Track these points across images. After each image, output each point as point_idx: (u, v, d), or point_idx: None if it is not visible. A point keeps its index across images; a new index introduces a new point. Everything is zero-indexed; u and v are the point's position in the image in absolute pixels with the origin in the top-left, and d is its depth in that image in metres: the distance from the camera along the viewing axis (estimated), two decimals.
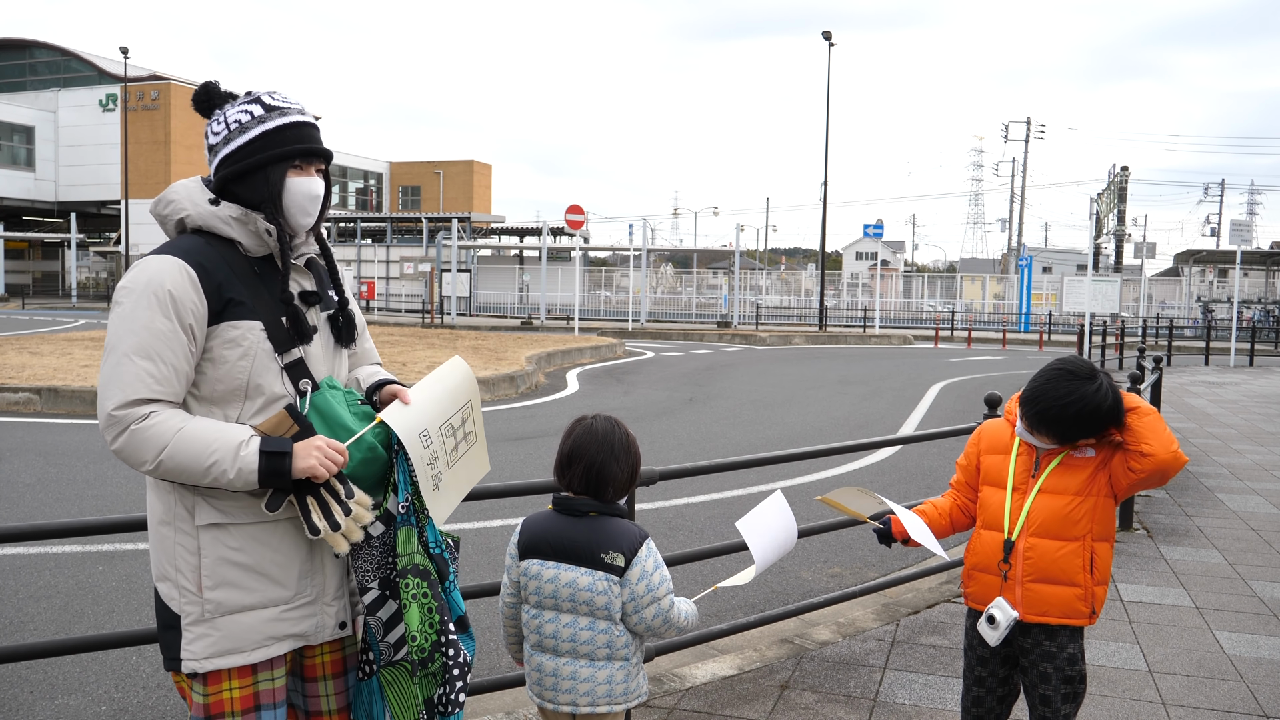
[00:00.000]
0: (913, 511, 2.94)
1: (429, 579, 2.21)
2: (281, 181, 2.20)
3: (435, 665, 2.20)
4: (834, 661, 4.41)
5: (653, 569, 2.47)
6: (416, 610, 2.18)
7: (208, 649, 2.12)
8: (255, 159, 2.19)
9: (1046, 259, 50.52)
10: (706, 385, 16.66)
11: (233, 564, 2.13)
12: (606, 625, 2.47)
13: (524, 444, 9.96)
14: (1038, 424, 2.70)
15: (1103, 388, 2.62)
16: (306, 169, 2.24)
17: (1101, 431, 2.67)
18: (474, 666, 2.32)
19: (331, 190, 2.36)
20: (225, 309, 2.11)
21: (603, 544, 2.45)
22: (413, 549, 2.21)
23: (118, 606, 5.10)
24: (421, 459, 2.27)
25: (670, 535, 6.66)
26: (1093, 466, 2.71)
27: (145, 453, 2.01)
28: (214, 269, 2.12)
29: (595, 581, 2.44)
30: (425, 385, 2.35)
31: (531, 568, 2.50)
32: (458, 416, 2.39)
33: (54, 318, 34.68)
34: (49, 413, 11.84)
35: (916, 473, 9.11)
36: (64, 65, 55.87)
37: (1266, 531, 6.90)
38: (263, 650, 2.16)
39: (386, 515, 2.23)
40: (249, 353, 2.12)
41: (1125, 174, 40.64)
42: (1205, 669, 4.37)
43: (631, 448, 2.56)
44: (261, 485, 2.05)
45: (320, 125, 2.34)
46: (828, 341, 31.52)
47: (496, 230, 52.28)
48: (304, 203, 2.22)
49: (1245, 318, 36.28)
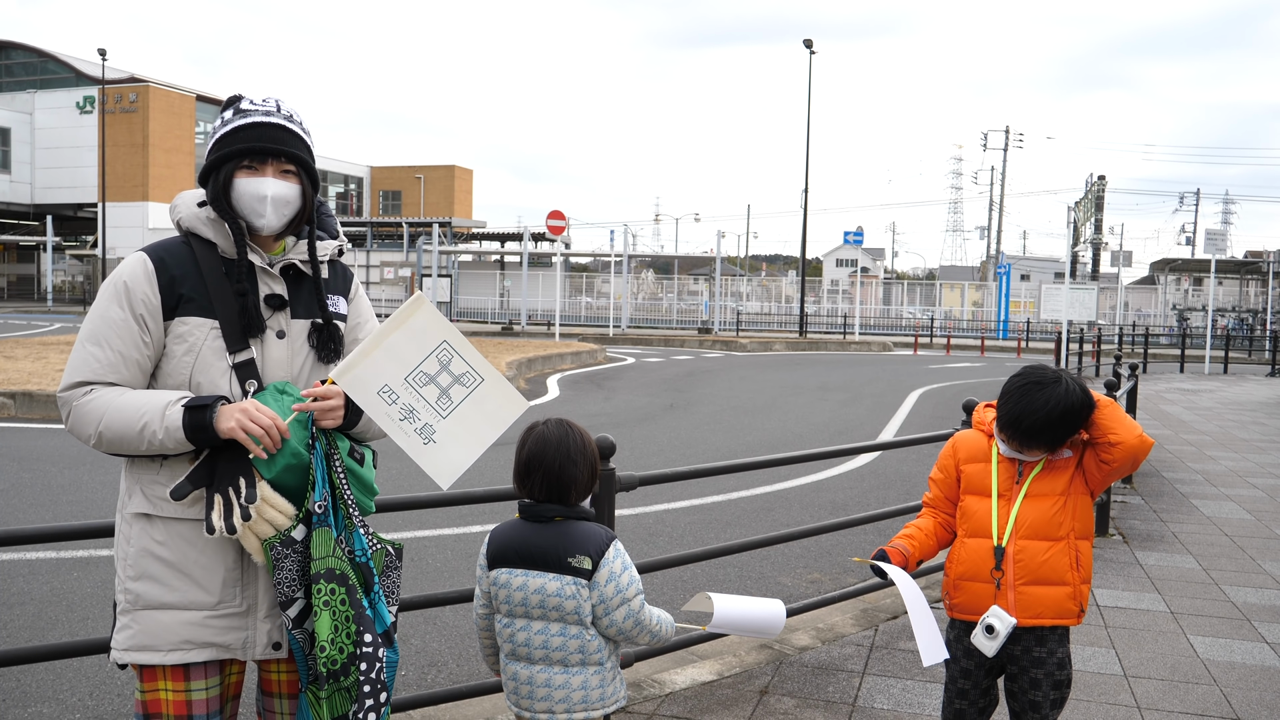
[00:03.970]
0: (901, 538, 2.89)
1: (346, 585, 2.11)
2: (228, 182, 2.20)
3: (349, 680, 2.09)
4: (813, 667, 4.42)
5: (620, 570, 2.44)
6: (327, 618, 2.07)
7: (126, 640, 2.17)
8: (211, 160, 2.22)
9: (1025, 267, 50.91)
10: (687, 391, 16.68)
11: (155, 557, 2.15)
12: (578, 630, 2.44)
13: (504, 449, 9.87)
14: (1029, 440, 2.71)
15: (1070, 385, 2.67)
16: (260, 169, 2.20)
17: (1085, 425, 2.70)
18: (393, 683, 2.21)
19: (311, 194, 2.29)
20: (179, 304, 2.17)
21: (569, 548, 2.42)
22: (329, 552, 2.11)
23: (92, 613, 5.05)
24: (388, 416, 2.19)
25: (651, 541, 6.67)
26: (1072, 466, 2.75)
27: (87, 426, 2.11)
28: (174, 264, 2.18)
29: (564, 586, 2.41)
30: (380, 334, 2.22)
31: (501, 577, 2.48)
32: (431, 362, 2.24)
33: (29, 321, 34.32)
34: (23, 418, 11.71)
35: (895, 479, 9.15)
36: (40, 67, 55.39)
37: (1240, 537, 6.97)
38: (179, 654, 2.14)
39: (308, 517, 2.15)
40: (193, 349, 2.16)
41: (1102, 183, 40.97)
42: (1180, 673, 4.41)
43: (588, 448, 2.51)
44: (191, 441, 2.07)
45: (295, 127, 2.26)
46: (808, 348, 31.63)
47: (477, 235, 52.13)
48: (251, 203, 2.20)
49: (1220, 326, 36.69)
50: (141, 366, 2.16)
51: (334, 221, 2.47)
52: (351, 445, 2.29)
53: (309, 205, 2.29)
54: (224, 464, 2.10)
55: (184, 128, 52.99)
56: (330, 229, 2.44)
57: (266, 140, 2.20)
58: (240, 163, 2.19)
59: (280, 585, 2.12)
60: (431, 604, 3.57)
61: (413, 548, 6.36)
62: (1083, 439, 2.73)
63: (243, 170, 2.20)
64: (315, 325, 2.29)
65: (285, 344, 2.25)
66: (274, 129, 2.21)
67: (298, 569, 2.12)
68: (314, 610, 2.08)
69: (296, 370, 2.26)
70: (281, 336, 2.24)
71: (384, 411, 2.19)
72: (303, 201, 2.27)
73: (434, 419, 2.24)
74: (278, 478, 2.13)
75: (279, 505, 2.12)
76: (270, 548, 2.11)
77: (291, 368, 2.25)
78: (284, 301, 2.26)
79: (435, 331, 2.26)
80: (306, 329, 2.28)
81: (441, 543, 6.52)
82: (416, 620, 5.06)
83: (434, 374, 2.25)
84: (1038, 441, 2.71)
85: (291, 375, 2.25)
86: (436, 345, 2.26)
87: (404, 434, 2.21)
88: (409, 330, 2.23)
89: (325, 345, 2.29)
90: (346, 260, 2.51)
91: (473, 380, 2.28)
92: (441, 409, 2.25)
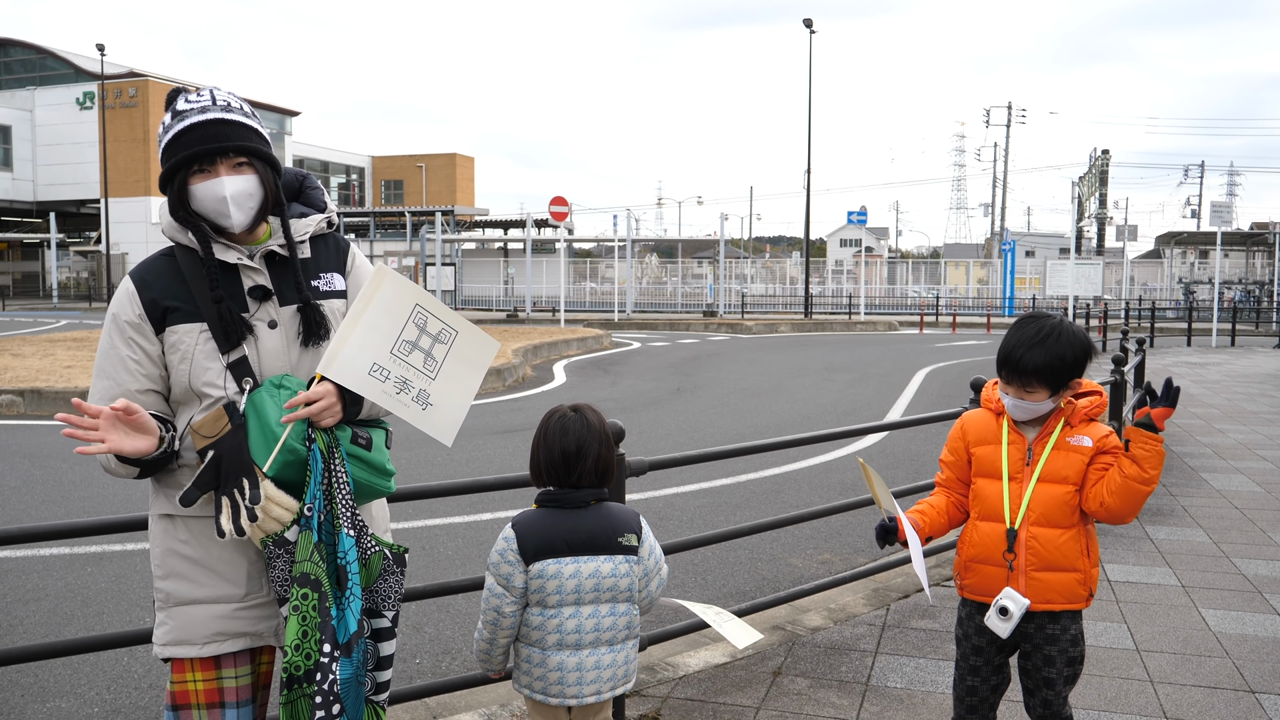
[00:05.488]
0: (913, 512, 2.88)
1: (319, 591, 2.09)
2: (184, 190, 2.17)
3: (312, 688, 2.06)
4: (825, 647, 4.44)
5: (654, 540, 2.60)
6: (296, 623, 2.07)
7: (164, 636, 2.20)
8: (164, 171, 2.20)
9: (1029, 243, 50.74)
10: (693, 375, 16.68)
11: (181, 556, 2.19)
12: (626, 608, 2.51)
13: (513, 436, 9.94)
14: (1027, 376, 2.66)
15: (1066, 321, 2.72)
16: (212, 170, 2.16)
17: (1084, 361, 2.68)
18: (351, 698, 2.17)
19: (272, 179, 2.23)
20: (165, 317, 2.18)
21: (616, 528, 2.49)
22: (306, 556, 2.10)
23: (108, 608, 5.08)
24: (385, 393, 2.19)
25: (661, 525, 6.68)
26: (1087, 457, 2.70)
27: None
28: (154, 281, 2.20)
29: (616, 566, 2.47)
30: (353, 315, 2.20)
31: (549, 568, 2.43)
32: (410, 328, 2.25)
33: (35, 319, 34.41)
34: (33, 415, 11.76)
35: (904, 458, 9.15)
36: (39, 64, 55.33)
37: (1250, 509, 6.97)
38: (214, 645, 2.18)
39: (303, 519, 2.15)
40: (186, 355, 2.17)
41: (1106, 157, 40.83)
42: (1192, 646, 4.41)
43: (610, 432, 2.62)
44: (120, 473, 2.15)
45: (236, 115, 2.18)
46: (813, 329, 31.59)
47: (480, 223, 52.10)
48: (214, 205, 2.16)
49: (1226, 298, 36.56)
50: (144, 388, 2.19)
51: (320, 194, 2.40)
52: (354, 433, 2.25)
53: (271, 191, 2.23)
54: (227, 464, 2.09)
55: None
56: (316, 202, 2.37)
57: (210, 140, 2.13)
58: (191, 169, 2.14)
59: (275, 584, 2.14)
60: (444, 592, 3.58)
61: (424, 536, 6.39)
62: (1109, 451, 2.69)
63: (195, 175, 2.15)
64: (298, 309, 2.24)
65: (279, 333, 2.22)
66: (215, 125, 2.14)
67: (289, 569, 2.14)
68: (285, 614, 2.10)
69: (295, 359, 2.24)
70: (274, 326, 2.22)
71: (379, 390, 2.19)
72: (264, 190, 2.21)
73: (426, 383, 2.25)
74: (278, 474, 2.12)
75: (284, 502, 2.12)
76: (264, 546, 2.11)
77: (289, 356, 2.23)
78: (269, 292, 2.23)
79: (405, 297, 2.25)
80: (297, 315, 2.25)
81: (453, 531, 6.54)
82: (430, 608, 5.08)
83: (415, 339, 2.26)
84: (1035, 376, 2.65)
85: (290, 363, 2.23)
86: (410, 310, 2.26)
87: (402, 405, 2.22)
88: (380, 303, 2.22)
89: (308, 328, 2.23)
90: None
91: (449, 335, 2.31)
92: (429, 371, 2.27)
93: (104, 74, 46.63)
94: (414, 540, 6.28)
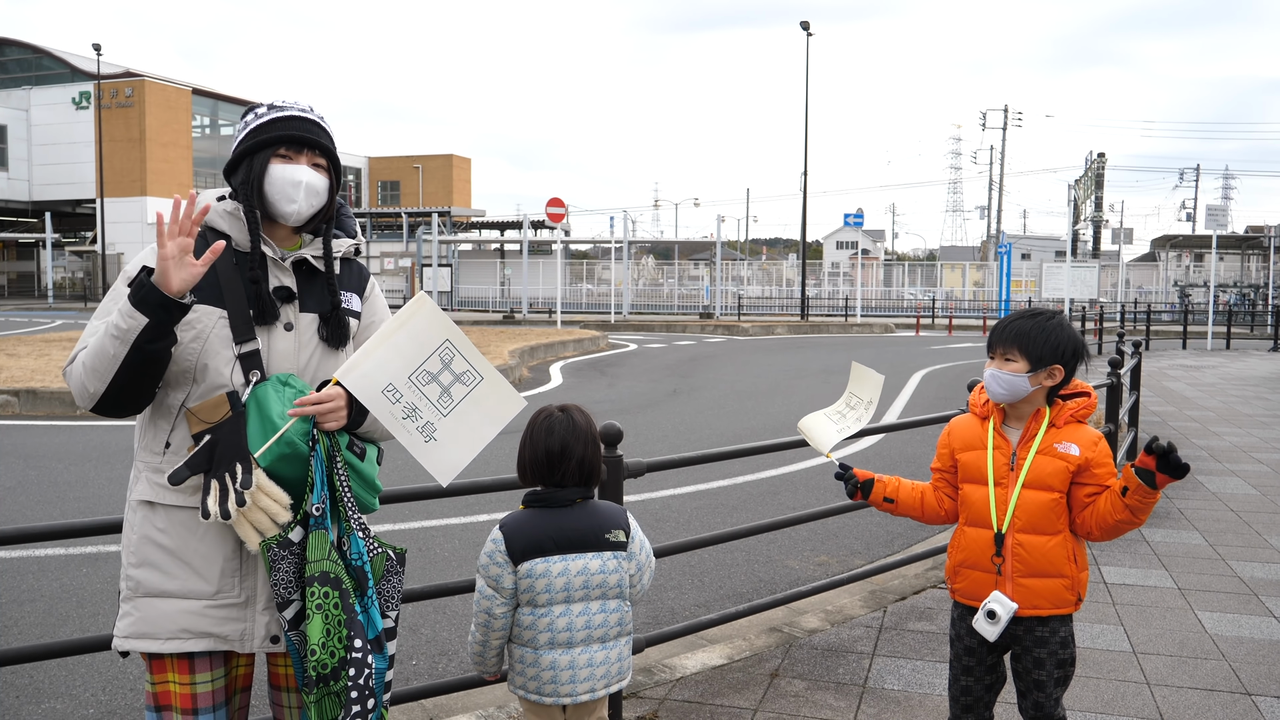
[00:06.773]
0: (891, 477, 3.01)
1: (340, 589, 2.10)
2: (264, 167, 2.25)
3: (339, 685, 2.07)
4: (823, 649, 4.44)
5: (643, 535, 2.61)
6: (319, 622, 2.07)
7: (126, 628, 2.18)
8: (244, 148, 2.27)
9: (1025, 246, 50.72)
10: (690, 376, 16.69)
11: (156, 544, 2.18)
12: (617, 604, 2.52)
13: (509, 438, 9.88)
14: (1009, 342, 2.72)
15: (1057, 312, 2.78)
16: (294, 158, 2.26)
17: (1068, 350, 2.70)
18: (383, 691, 2.21)
19: (336, 191, 2.35)
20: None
21: (604, 525, 2.50)
22: (324, 555, 2.11)
23: (103, 609, 5.07)
24: (392, 415, 2.20)
25: (657, 527, 6.68)
26: (1074, 466, 2.70)
27: (75, 369, 2.15)
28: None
29: (605, 563, 2.48)
30: (383, 334, 2.24)
31: (536, 567, 2.45)
32: (434, 360, 2.27)
33: (30, 319, 34.33)
34: (28, 415, 11.73)
35: (900, 460, 9.16)
36: (35, 63, 55.21)
37: (1246, 512, 6.98)
38: (177, 642, 2.16)
39: (305, 519, 2.15)
40: (201, 335, 2.17)
41: (1102, 160, 40.95)
42: (1188, 649, 4.42)
43: (596, 432, 2.63)
44: (139, 308, 2.02)
45: (326, 127, 2.35)
46: (810, 331, 31.61)
47: (477, 224, 52.09)
48: (286, 189, 2.24)
49: (1221, 302, 36.65)
50: None
51: (353, 222, 2.51)
52: (351, 439, 2.28)
53: (333, 203, 2.35)
54: (222, 449, 2.10)
55: (180, 122, 52.87)
56: (349, 229, 2.48)
57: (303, 131, 2.27)
58: (276, 150, 2.25)
59: (277, 587, 2.12)
60: (441, 594, 3.57)
61: (420, 538, 6.38)
62: (1105, 483, 2.68)
63: (277, 158, 2.25)
64: (324, 316, 2.30)
65: (292, 336, 2.26)
66: (309, 123, 2.30)
67: (294, 571, 2.13)
68: (307, 613, 2.09)
69: (303, 363, 2.27)
70: (289, 329, 2.26)
71: (388, 410, 2.21)
72: (329, 196, 2.33)
73: (435, 417, 2.26)
74: (272, 467, 2.13)
75: (274, 494, 2.12)
76: (267, 549, 2.11)
77: (298, 360, 2.26)
78: (292, 294, 2.28)
79: (438, 330, 2.28)
80: (315, 323, 2.30)
81: (449, 532, 6.53)
82: (426, 610, 5.08)
83: (436, 372, 2.27)
84: (1015, 340, 2.71)
85: (298, 368, 2.26)
86: (439, 344, 2.28)
87: (407, 432, 2.23)
88: (412, 329, 2.25)
89: (335, 332, 2.30)
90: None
91: (473, 379, 2.31)
92: (443, 407, 2.27)
93: (100, 74, 46.56)
94: (410, 542, 6.27)
